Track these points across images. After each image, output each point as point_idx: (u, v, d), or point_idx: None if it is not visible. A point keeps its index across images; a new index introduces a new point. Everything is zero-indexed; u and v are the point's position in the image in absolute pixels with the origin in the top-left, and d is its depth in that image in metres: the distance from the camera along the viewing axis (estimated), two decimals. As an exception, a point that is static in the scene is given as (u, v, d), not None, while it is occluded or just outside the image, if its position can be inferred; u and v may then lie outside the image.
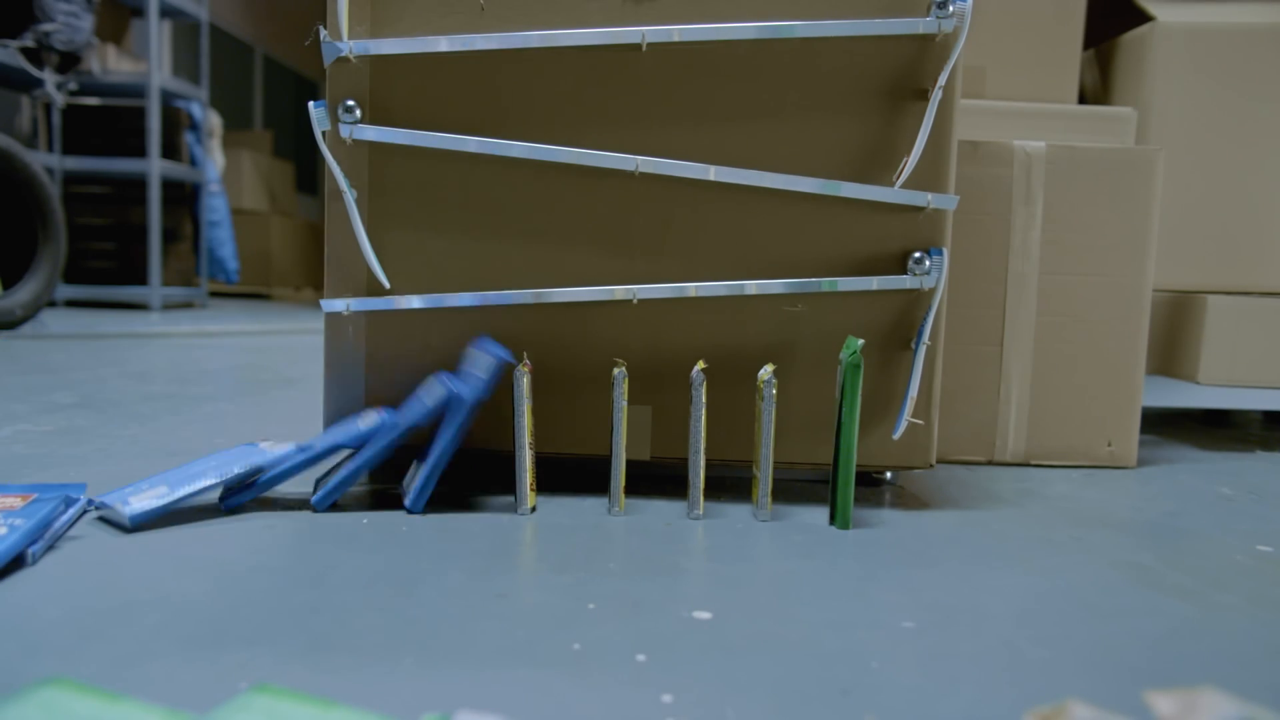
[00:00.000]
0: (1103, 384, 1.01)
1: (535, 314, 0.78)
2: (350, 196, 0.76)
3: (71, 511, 0.61)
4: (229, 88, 5.72)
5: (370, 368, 0.79)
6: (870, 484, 0.88)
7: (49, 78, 3.38)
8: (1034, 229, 1.00)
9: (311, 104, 0.76)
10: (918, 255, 0.76)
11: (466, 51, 0.76)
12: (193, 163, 3.87)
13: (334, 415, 0.80)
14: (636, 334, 0.78)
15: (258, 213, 5.36)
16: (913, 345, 0.78)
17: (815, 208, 0.77)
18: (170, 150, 3.82)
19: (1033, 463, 1.02)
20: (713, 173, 0.76)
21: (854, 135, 0.76)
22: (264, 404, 1.26)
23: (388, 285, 0.78)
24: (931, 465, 0.80)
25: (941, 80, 0.75)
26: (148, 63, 3.53)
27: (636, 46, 0.76)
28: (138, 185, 3.74)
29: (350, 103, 0.75)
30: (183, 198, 3.93)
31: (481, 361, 0.71)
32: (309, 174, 6.80)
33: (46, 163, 3.41)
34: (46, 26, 3.30)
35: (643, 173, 0.76)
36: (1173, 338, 1.19)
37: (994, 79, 1.27)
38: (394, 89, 0.77)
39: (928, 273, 0.76)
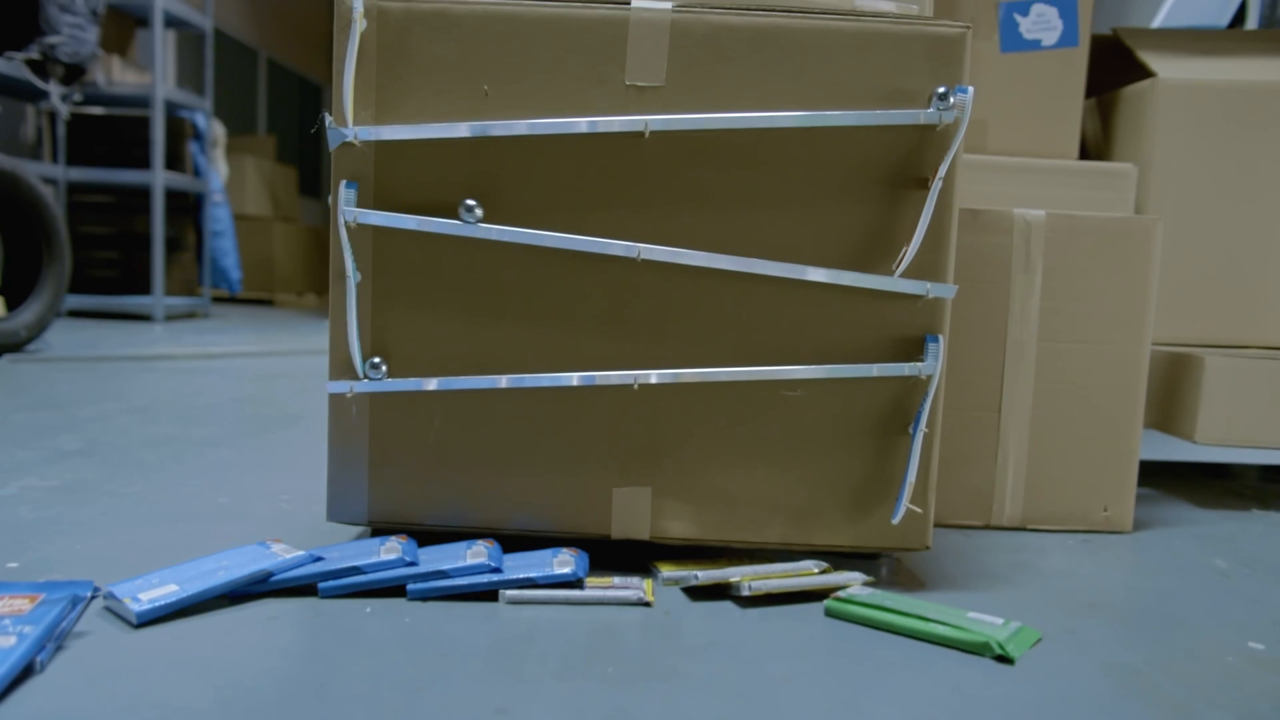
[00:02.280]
0: (1100, 450, 1.02)
1: (537, 394, 0.79)
2: (354, 281, 0.77)
3: (79, 608, 0.62)
4: (233, 92, 5.73)
5: (374, 448, 0.80)
6: (868, 557, 0.88)
7: (54, 89, 3.38)
8: (1033, 297, 1.00)
9: (344, 183, 0.77)
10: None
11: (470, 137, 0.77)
12: (196, 173, 3.88)
13: (338, 496, 0.81)
14: (636, 415, 0.79)
15: (261, 218, 5.37)
16: (910, 430, 0.79)
17: (816, 294, 0.78)
18: (174, 160, 3.83)
19: (1029, 527, 1.03)
20: (714, 260, 0.77)
21: (855, 223, 0.77)
22: (267, 449, 1.27)
23: (361, 376, 0.78)
24: (928, 547, 0.81)
25: (942, 171, 0.75)
26: (152, 74, 3.54)
27: (640, 133, 0.76)
28: (142, 194, 3.75)
29: (353, 189, 0.76)
30: (186, 207, 3.94)
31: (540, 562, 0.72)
32: (312, 178, 6.81)
33: (51, 173, 3.42)
34: (52, 39, 3.30)
35: (645, 259, 0.77)
36: (1170, 394, 1.20)
37: (995, 133, 1.27)
38: (398, 172, 0.77)
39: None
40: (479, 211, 0.76)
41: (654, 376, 0.78)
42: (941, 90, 0.75)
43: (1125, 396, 1.02)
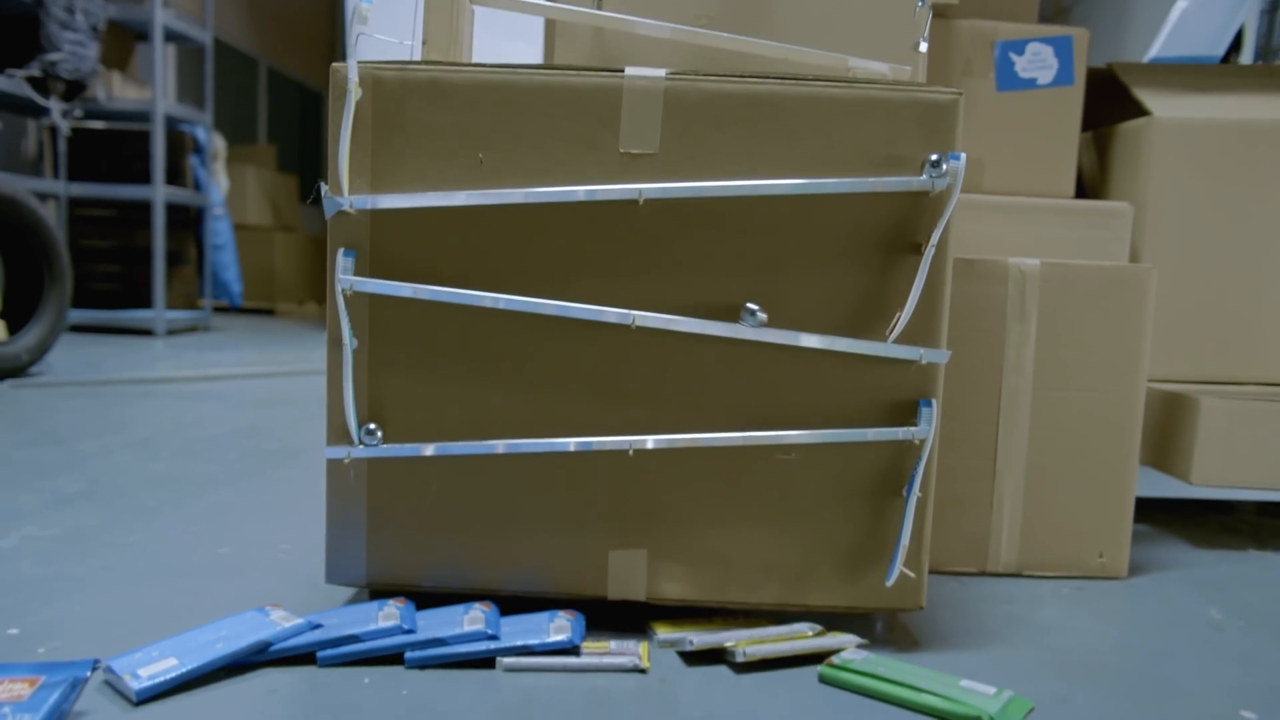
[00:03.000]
0: (1095, 497, 1.03)
1: (533, 458, 0.80)
2: (350, 348, 0.78)
3: (78, 689, 0.63)
4: (233, 102, 5.73)
5: (371, 511, 0.81)
6: (863, 616, 0.89)
7: (54, 105, 3.39)
8: (1028, 345, 1.01)
9: (341, 251, 0.77)
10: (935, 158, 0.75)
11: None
12: (197, 186, 3.88)
13: (337, 559, 0.82)
14: (632, 479, 0.80)
15: (261, 228, 5.38)
16: (904, 493, 0.79)
17: (810, 359, 0.78)
18: (174, 174, 3.83)
19: (1025, 573, 1.03)
20: (708, 328, 0.77)
21: (848, 288, 0.78)
22: (267, 489, 1.28)
23: (357, 443, 0.79)
24: (921, 607, 0.82)
25: (935, 238, 0.76)
26: (153, 89, 3.55)
27: (634, 200, 0.77)
28: (143, 208, 3.76)
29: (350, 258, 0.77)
30: (187, 221, 3.95)
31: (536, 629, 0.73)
32: (313, 185, 6.81)
33: (52, 189, 3.43)
34: (52, 56, 3.31)
35: (639, 327, 0.77)
36: (1167, 434, 1.20)
37: (991, 171, 1.28)
38: (394, 240, 0.78)
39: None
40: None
41: (650, 442, 0.78)
42: (934, 157, 0.75)
43: (1120, 444, 1.02)
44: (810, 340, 0.77)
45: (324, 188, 0.77)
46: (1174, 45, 1.56)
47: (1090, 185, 1.41)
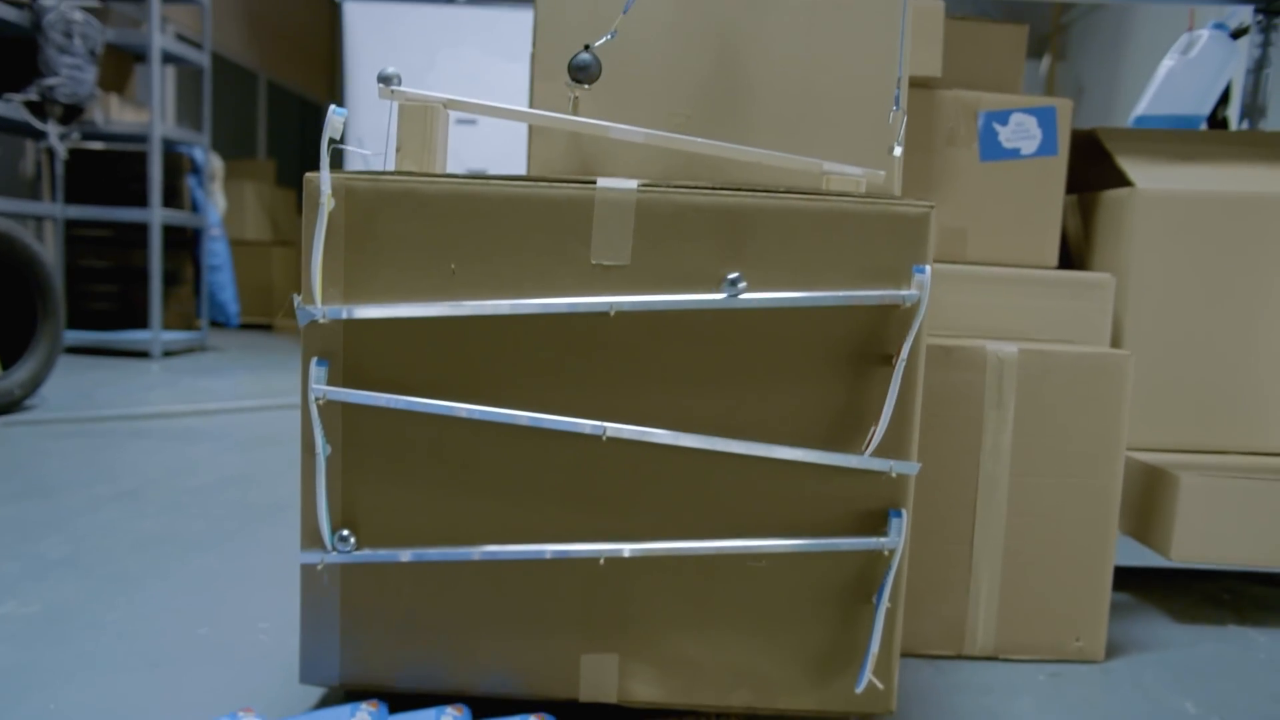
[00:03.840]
0: (1072, 582, 1.03)
1: (507, 563, 0.80)
2: (323, 456, 0.78)
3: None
4: (232, 117, 5.74)
5: (345, 613, 0.81)
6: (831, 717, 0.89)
7: (52, 129, 3.40)
8: (1005, 432, 1.01)
9: (314, 361, 0.77)
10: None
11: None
12: (194, 207, 3.89)
13: (311, 659, 0.82)
14: (604, 584, 0.80)
15: (260, 243, 5.38)
16: (874, 600, 0.80)
17: (781, 469, 0.78)
18: (172, 195, 3.84)
19: (1001, 657, 1.04)
20: (680, 439, 0.77)
21: (819, 400, 0.78)
22: (252, 553, 1.28)
23: (330, 549, 0.79)
24: (891, 712, 0.82)
25: (905, 351, 0.76)
26: (150, 113, 3.55)
27: (606, 312, 0.77)
28: (140, 229, 3.77)
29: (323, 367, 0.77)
30: (184, 241, 3.95)
31: None
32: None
33: (49, 211, 3.43)
34: (50, 81, 3.32)
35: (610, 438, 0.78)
36: (1147, 507, 1.20)
37: (974, 241, 1.28)
38: (367, 348, 0.78)
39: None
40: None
41: (626, 551, 0.79)
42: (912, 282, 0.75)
43: (1097, 529, 1.02)
44: (781, 452, 0.77)
45: (297, 300, 0.77)
46: (1160, 103, 1.56)
47: (1075, 249, 1.41)
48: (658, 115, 0.87)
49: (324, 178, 0.76)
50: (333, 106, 0.75)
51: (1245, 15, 1.60)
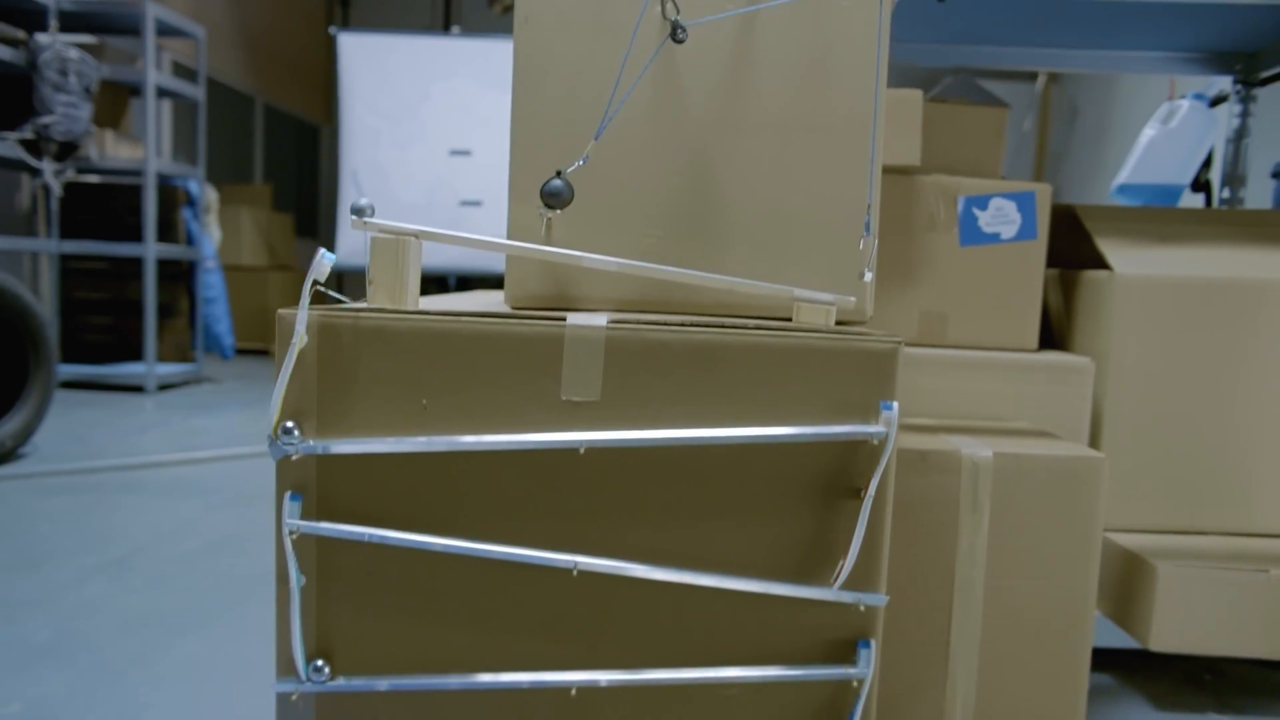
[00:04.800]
0: (1048, 684, 1.03)
1: (481, 694, 0.80)
2: (297, 586, 0.78)
3: None
4: (229, 142, 5.76)
5: (318, 742, 0.81)
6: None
7: (47, 167, 3.41)
8: (980, 535, 1.02)
9: (288, 495, 0.78)
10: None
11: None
12: (189, 239, 3.90)
13: (282, 787, 0.82)
14: (576, 711, 0.80)
15: (256, 268, 5.40)
16: (845, 729, 0.80)
17: (752, 600, 0.79)
18: (166, 227, 3.85)
19: (980, 756, 1.04)
20: (651, 573, 0.78)
21: (789, 533, 0.78)
22: (237, 636, 1.28)
23: (305, 679, 0.79)
24: (864, 837, 0.82)
25: (873, 486, 0.77)
26: (145, 149, 3.57)
27: (576, 449, 0.78)
28: (135, 261, 3.78)
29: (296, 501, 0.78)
30: (179, 273, 3.97)
31: None
32: (309, 219, 6.84)
33: (44, 247, 3.44)
34: (46, 119, 3.34)
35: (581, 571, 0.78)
36: (1127, 594, 1.21)
37: (955, 325, 1.29)
38: (341, 482, 0.79)
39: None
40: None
41: (600, 680, 0.79)
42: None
43: (1073, 631, 1.03)
44: (752, 585, 0.78)
45: (269, 439, 0.78)
46: (1143, 172, 1.57)
47: (1057, 324, 1.42)
48: (630, 235, 0.88)
49: (300, 318, 0.76)
50: (321, 251, 0.76)
51: (1225, 84, 1.61)
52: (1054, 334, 1.42)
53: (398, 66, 4.13)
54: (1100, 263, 1.30)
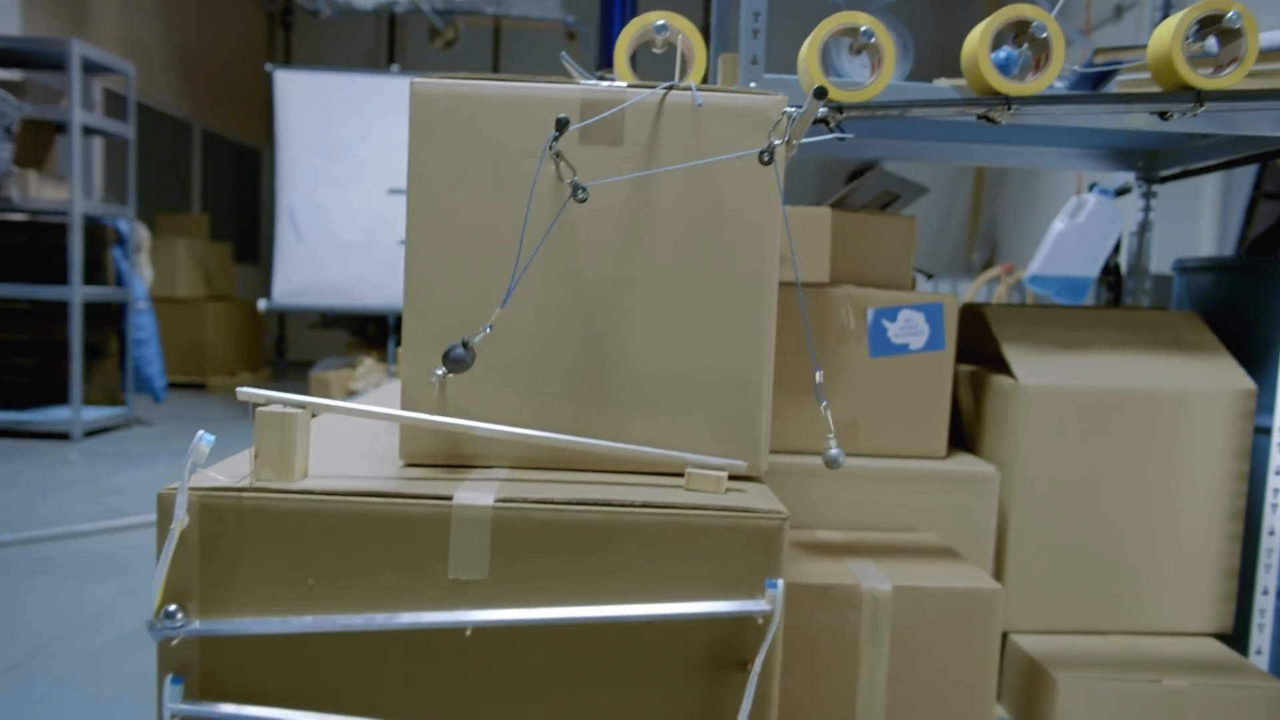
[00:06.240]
0: (948, 810, 1.05)
1: None
2: (178, 773, 0.77)
3: None
4: (165, 170, 5.63)
5: None
6: None
7: (-35, 209, 3.31)
8: (881, 667, 1.03)
9: (169, 678, 0.76)
10: None
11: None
12: (119, 280, 3.81)
13: None
14: None
15: (192, 300, 5.29)
16: None
17: (640, 773, 0.79)
18: (95, 268, 3.76)
19: None
20: (537, 752, 0.78)
21: (677, 706, 0.79)
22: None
23: None
24: None
25: (759, 661, 0.77)
26: (70, 191, 3.47)
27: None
28: (61, 301, 3.68)
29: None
30: (109, 314, 3.87)
31: None
32: (250, 244, 6.72)
33: (-37, 292, 3.33)
34: (-37, 161, 3.23)
35: (469, 750, 0.78)
36: (1029, 699, 1.24)
37: (866, 433, 1.31)
38: (224, 661, 0.77)
39: None
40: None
41: None
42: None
43: (971, 758, 1.05)
44: (639, 761, 0.78)
45: (149, 621, 0.76)
46: (1053, 265, 1.61)
47: (968, 423, 1.45)
48: (526, 393, 0.88)
49: (180, 501, 0.75)
50: (201, 433, 0.74)
51: (1129, 176, 1.66)
52: (965, 432, 1.46)
53: (336, 104, 4.09)
54: (1006, 371, 1.33)
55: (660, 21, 1.07)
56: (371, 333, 4.57)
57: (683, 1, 5.83)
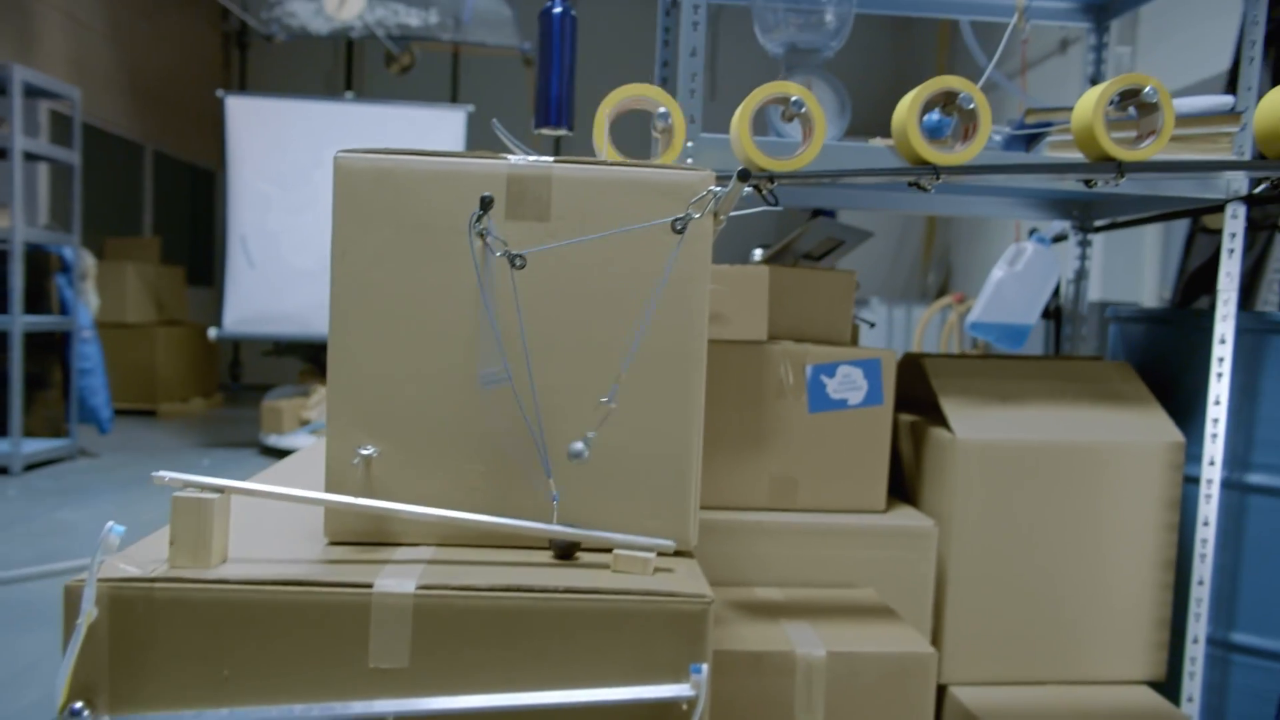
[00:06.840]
0: None
1: None
2: None
3: None
4: (115, 192, 5.53)
5: None
6: None
7: (-100, 238, 3.22)
8: (816, 733, 1.03)
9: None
10: None
11: (209, 724, 0.75)
12: (63, 308, 3.72)
13: None
14: None
15: (142, 325, 5.18)
16: None
17: None
18: (38, 296, 3.67)
19: None
20: (459, 844, 0.76)
21: (602, 793, 0.78)
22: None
23: None
24: None
25: (685, 747, 0.77)
26: (11, 217, 3.40)
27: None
28: (2, 331, 3.58)
29: (85, 783, 0.74)
30: (52, 344, 3.78)
31: None
32: (204, 266, 6.61)
33: (-103, 323, 3.24)
34: (-102, 189, 3.14)
35: (389, 844, 0.76)
36: (968, 755, 1.24)
37: (805, 488, 1.31)
38: (134, 757, 0.75)
39: None
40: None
41: None
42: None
43: (906, 821, 1.05)
44: None
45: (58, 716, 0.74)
46: (993, 312, 1.64)
47: (908, 473, 1.46)
48: (452, 470, 0.87)
49: (88, 594, 0.73)
50: (110, 524, 0.73)
51: (1066, 224, 1.70)
52: (906, 482, 1.47)
53: (289, 130, 4.04)
54: (945, 423, 1.34)
55: (663, 109, 1.07)
56: (317, 357, 4.51)
57: (627, 49, 5.07)
